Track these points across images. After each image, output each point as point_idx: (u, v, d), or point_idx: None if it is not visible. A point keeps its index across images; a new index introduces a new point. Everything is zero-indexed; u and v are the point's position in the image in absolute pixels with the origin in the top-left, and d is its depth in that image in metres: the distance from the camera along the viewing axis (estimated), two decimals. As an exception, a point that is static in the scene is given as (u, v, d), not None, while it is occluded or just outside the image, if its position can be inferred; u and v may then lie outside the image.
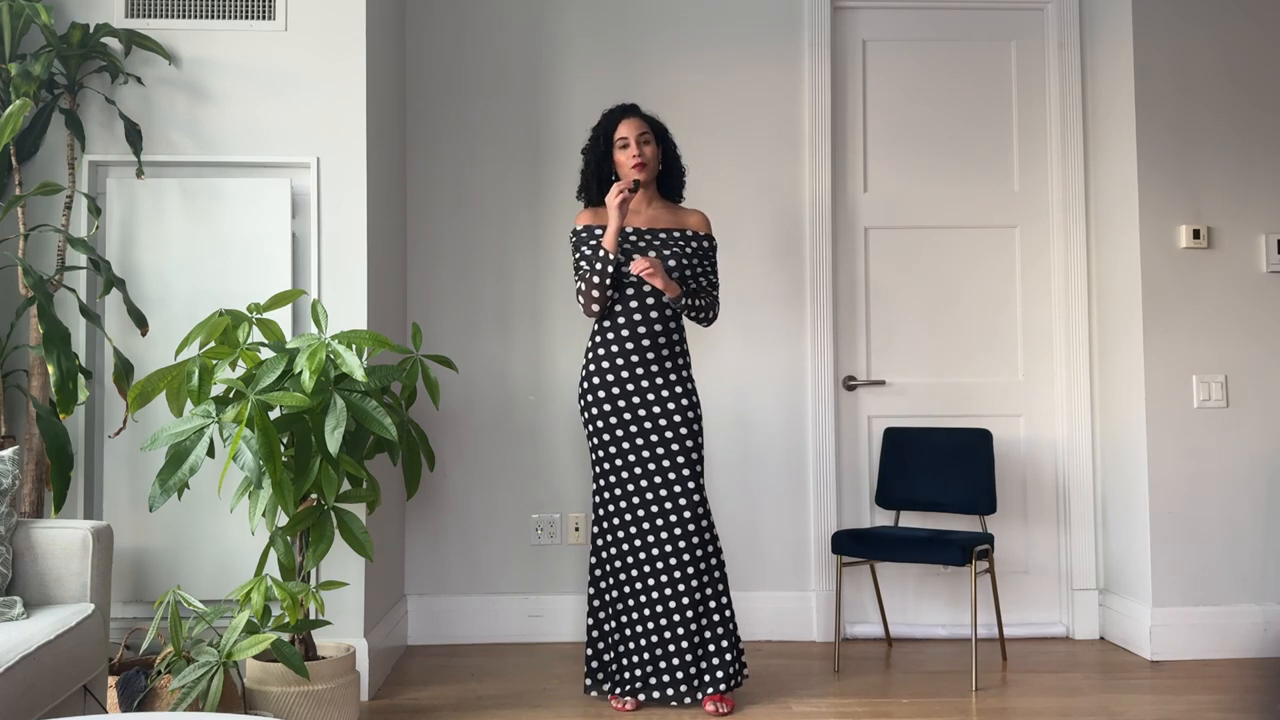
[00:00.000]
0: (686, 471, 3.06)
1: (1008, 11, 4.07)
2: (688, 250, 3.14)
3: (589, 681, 3.14)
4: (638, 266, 2.98)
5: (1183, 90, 3.71)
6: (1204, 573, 3.62)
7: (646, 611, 3.04)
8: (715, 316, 3.24)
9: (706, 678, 3.03)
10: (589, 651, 3.14)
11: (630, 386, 3.08)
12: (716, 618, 3.05)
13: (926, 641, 3.86)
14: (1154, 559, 3.61)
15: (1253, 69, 3.73)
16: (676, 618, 3.02)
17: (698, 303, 3.16)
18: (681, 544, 3.03)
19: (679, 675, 3.02)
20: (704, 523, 3.06)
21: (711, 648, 3.04)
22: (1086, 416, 3.94)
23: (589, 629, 3.14)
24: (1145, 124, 3.70)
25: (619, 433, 3.08)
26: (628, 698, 3.06)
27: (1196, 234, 3.67)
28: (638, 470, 3.07)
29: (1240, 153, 3.71)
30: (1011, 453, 3.95)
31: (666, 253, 3.10)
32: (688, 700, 3.03)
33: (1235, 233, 3.70)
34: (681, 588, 3.02)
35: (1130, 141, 3.72)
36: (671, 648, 3.02)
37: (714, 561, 3.08)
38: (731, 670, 3.04)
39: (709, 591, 3.05)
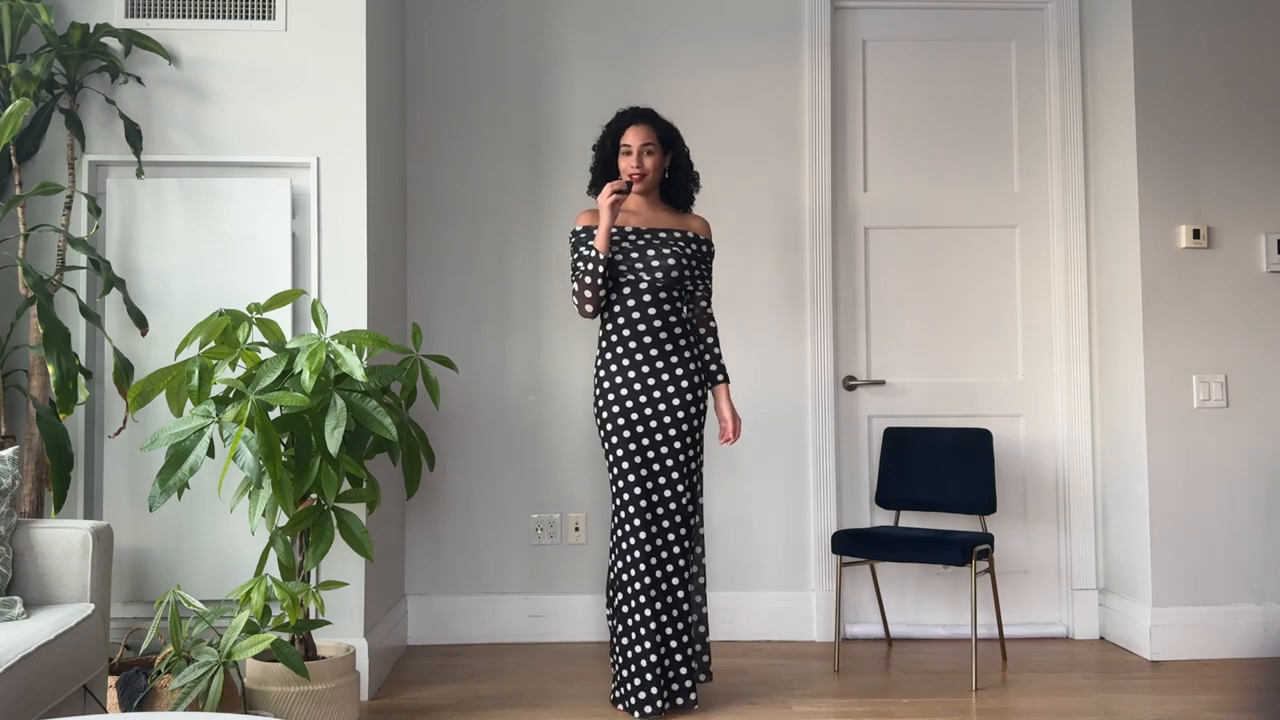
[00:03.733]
0: (688, 468, 3.05)
1: (1008, 11, 4.07)
2: (687, 251, 3.11)
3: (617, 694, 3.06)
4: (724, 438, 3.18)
5: (1182, 90, 3.71)
6: (1204, 572, 3.62)
7: (648, 612, 3.04)
8: (717, 330, 3.26)
9: (702, 677, 3.06)
10: (616, 663, 3.05)
11: (637, 386, 3.04)
12: (706, 611, 3.12)
13: (926, 641, 3.86)
14: (1154, 559, 3.61)
15: (1252, 69, 3.73)
16: (677, 612, 3.01)
17: (721, 358, 3.21)
18: (676, 549, 3.02)
19: (682, 671, 3.02)
20: (694, 520, 3.06)
21: (701, 646, 3.09)
22: (1086, 416, 3.94)
23: (611, 644, 3.10)
24: (1145, 124, 3.70)
25: (637, 442, 3.02)
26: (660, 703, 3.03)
27: (1196, 234, 3.67)
28: (644, 472, 3.00)
29: (1240, 152, 3.71)
30: (1011, 453, 3.95)
31: (666, 250, 3.08)
32: (693, 696, 3.03)
33: (1235, 233, 3.70)
34: (676, 580, 3.03)
35: (1130, 141, 3.72)
36: (675, 644, 3.03)
37: (698, 553, 3.12)
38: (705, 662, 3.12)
39: (696, 584, 3.10)
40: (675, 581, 3.00)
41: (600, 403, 3.09)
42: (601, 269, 3.03)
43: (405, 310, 3.88)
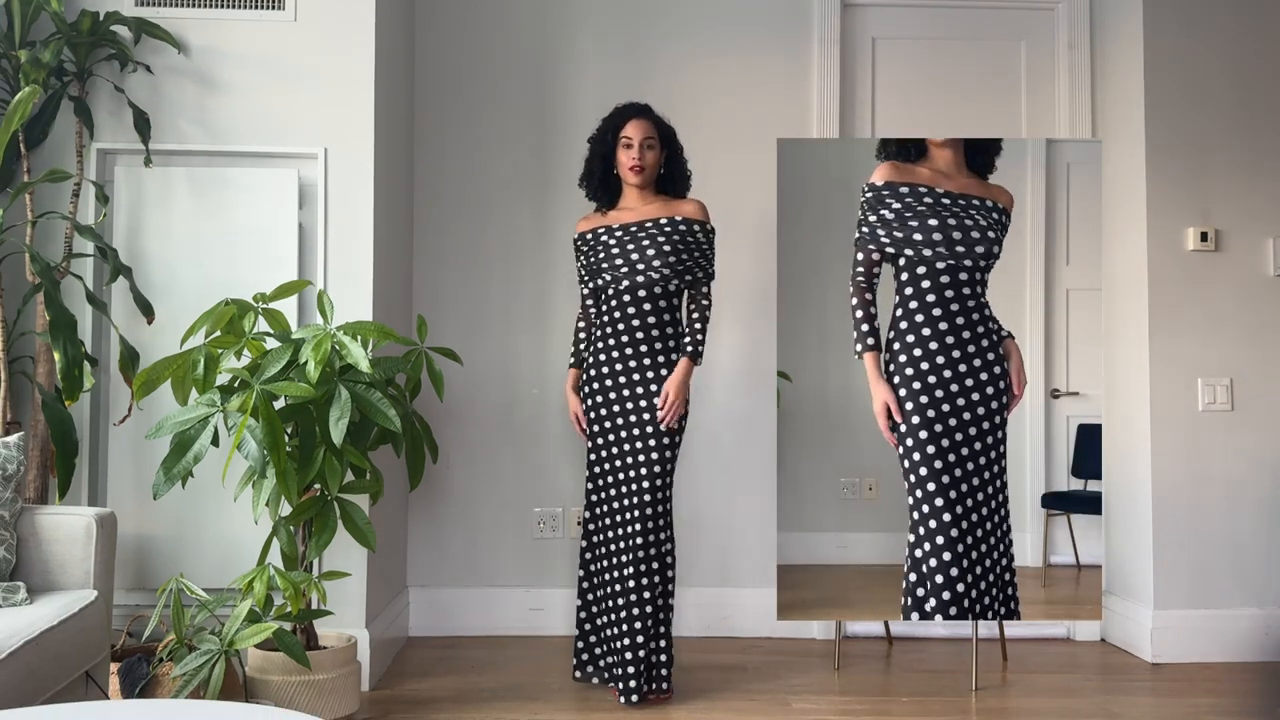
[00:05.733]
0: (658, 469, 3.04)
1: (1018, 11, 4.06)
2: (674, 238, 3.11)
3: (574, 663, 3.26)
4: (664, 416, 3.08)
5: (1192, 92, 3.70)
6: (1206, 576, 3.62)
7: (611, 602, 3.09)
8: (709, 309, 3.20)
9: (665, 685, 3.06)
10: (576, 634, 3.25)
11: (622, 379, 3.12)
12: (668, 614, 3.07)
13: (927, 640, 3.86)
14: (1156, 561, 3.61)
15: (1263, 73, 3.71)
16: (636, 611, 3.01)
17: (699, 334, 3.14)
18: (635, 540, 3.03)
19: (640, 667, 3.01)
20: (661, 521, 3.04)
21: (663, 643, 3.04)
22: (1091, 418, 3.94)
23: (579, 618, 3.24)
24: (1154, 125, 3.69)
25: (604, 437, 3.15)
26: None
27: (1204, 236, 3.66)
28: (618, 463, 3.11)
29: (1249, 155, 3.70)
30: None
31: (646, 242, 3.11)
32: (638, 698, 3.02)
33: (1243, 235, 3.69)
34: (640, 578, 3.03)
35: (1139, 143, 3.70)
36: (627, 640, 3.02)
37: (666, 556, 3.07)
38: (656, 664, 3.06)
39: (664, 588, 3.05)
40: (617, 575, 3.07)
41: (589, 401, 3.19)
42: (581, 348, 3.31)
43: (410, 302, 3.89)
